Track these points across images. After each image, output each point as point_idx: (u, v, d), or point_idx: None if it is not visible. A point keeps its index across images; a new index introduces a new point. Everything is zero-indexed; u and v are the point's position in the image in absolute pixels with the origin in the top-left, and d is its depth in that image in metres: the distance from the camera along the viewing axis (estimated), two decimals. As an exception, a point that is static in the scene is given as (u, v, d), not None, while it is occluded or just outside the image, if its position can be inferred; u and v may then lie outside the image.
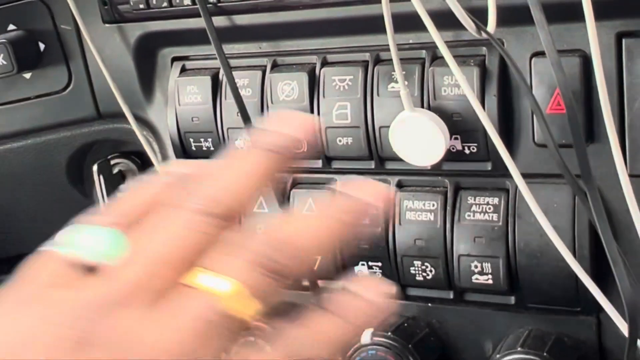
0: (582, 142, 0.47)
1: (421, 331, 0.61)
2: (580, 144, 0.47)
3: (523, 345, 0.56)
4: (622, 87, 0.54)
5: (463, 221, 0.59)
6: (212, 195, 0.33)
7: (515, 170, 0.51)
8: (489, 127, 0.51)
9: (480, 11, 0.52)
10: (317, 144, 0.38)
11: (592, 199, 0.47)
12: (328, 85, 0.62)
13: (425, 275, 0.61)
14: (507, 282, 0.58)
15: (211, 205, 0.32)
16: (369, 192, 0.35)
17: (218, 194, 0.33)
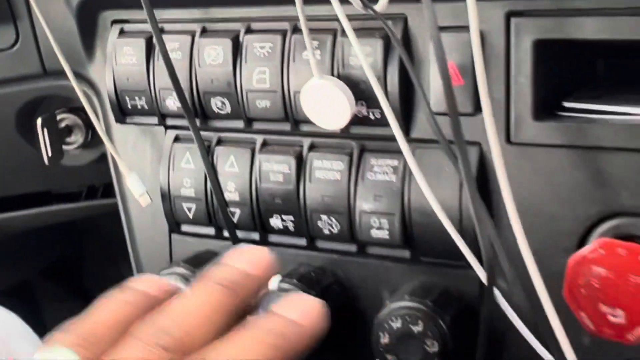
0: (456, 110, 0.53)
1: (326, 280, 0.66)
2: (454, 112, 0.52)
3: (411, 294, 0.61)
4: (510, 62, 0.59)
5: (365, 181, 0.64)
6: (165, 328, 0.39)
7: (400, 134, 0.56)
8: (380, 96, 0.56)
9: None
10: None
11: (463, 162, 0.52)
12: (250, 52, 0.67)
13: (331, 229, 0.66)
14: (402, 237, 0.63)
15: (163, 338, 0.39)
16: (249, 261, 0.43)
17: (170, 327, 0.40)
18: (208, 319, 0.41)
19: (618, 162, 0.56)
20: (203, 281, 0.43)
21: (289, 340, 0.41)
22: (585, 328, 0.53)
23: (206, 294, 0.42)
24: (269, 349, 0.40)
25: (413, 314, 0.60)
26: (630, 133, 0.55)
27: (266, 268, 0.45)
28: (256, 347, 0.40)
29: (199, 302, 0.41)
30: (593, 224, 0.58)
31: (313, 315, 0.43)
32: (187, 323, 0.40)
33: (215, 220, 0.72)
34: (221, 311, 0.41)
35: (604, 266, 0.51)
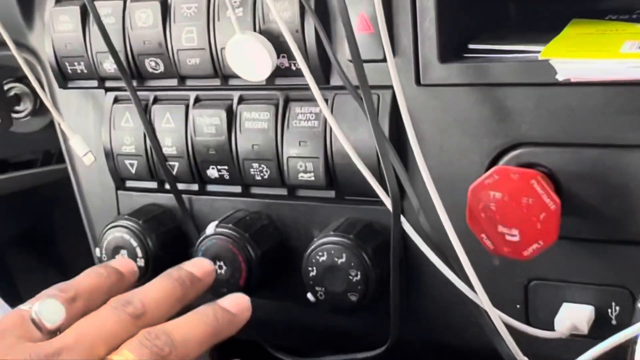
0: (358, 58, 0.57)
1: (260, 223, 0.71)
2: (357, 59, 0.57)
3: (336, 230, 0.66)
4: (415, 9, 0.63)
5: (291, 128, 0.69)
6: (133, 302, 0.53)
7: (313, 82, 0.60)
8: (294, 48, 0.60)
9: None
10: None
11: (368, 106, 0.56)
12: (178, 12, 0.71)
13: (263, 175, 0.70)
14: (326, 179, 0.68)
15: (131, 308, 0.53)
16: (199, 269, 0.61)
17: (137, 302, 0.53)
18: (165, 301, 0.55)
19: (516, 96, 0.61)
20: (165, 276, 0.58)
21: (221, 322, 0.54)
22: (486, 249, 0.58)
23: (165, 285, 0.57)
24: (207, 325, 0.53)
25: (337, 247, 0.64)
26: (525, 69, 0.59)
27: (210, 276, 0.61)
28: (198, 323, 0.53)
29: (160, 288, 0.56)
30: (498, 155, 0.62)
31: (241, 306, 0.57)
32: (150, 300, 0.54)
33: (157, 175, 0.76)
34: (174, 298, 0.56)
35: (500, 190, 0.56)
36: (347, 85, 0.59)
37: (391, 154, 0.57)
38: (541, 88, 0.59)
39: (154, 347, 0.49)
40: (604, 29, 0.60)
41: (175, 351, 0.50)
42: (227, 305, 0.56)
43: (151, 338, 0.50)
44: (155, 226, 0.74)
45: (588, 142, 0.59)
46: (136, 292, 0.55)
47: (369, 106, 0.57)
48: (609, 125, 0.58)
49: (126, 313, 0.52)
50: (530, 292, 0.63)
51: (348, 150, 0.59)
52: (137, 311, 0.53)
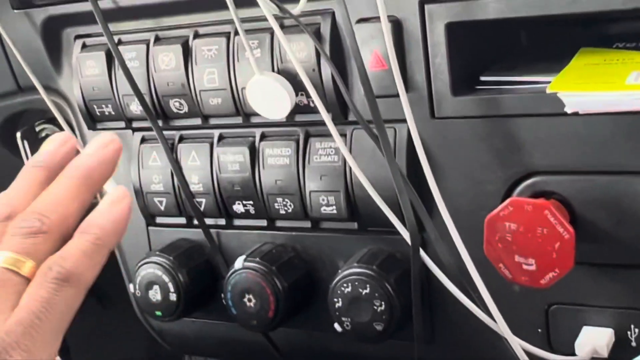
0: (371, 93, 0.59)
1: (286, 255, 0.73)
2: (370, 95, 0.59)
3: (359, 261, 0.68)
4: (427, 45, 0.65)
5: (312, 163, 0.71)
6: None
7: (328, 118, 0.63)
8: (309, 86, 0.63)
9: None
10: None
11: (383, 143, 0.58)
12: (199, 55, 0.74)
13: (287, 209, 0.73)
14: (348, 211, 0.70)
15: None
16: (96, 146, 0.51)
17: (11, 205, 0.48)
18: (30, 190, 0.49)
19: (528, 127, 0.63)
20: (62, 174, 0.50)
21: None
22: (504, 277, 0.60)
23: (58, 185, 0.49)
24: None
25: (361, 279, 0.66)
26: (536, 100, 0.61)
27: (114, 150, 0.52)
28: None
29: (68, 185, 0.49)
30: (513, 184, 0.64)
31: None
32: (19, 200, 0.48)
33: (185, 211, 0.79)
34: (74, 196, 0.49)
35: (515, 221, 0.58)
36: (362, 123, 0.61)
37: (408, 189, 0.59)
38: (552, 118, 0.61)
39: (23, 230, 0.45)
40: (611, 58, 0.61)
41: (48, 220, 0.46)
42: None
43: (17, 224, 0.46)
44: (185, 261, 0.77)
45: (600, 170, 0.61)
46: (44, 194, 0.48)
47: (384, 144, 0.59)
48: (620, 153, 0.60)
49: None
50: (550, 316, 0.65)
51: (365, 185, 0.62)
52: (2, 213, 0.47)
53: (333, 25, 0.69)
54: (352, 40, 0.58)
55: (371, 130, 0.61)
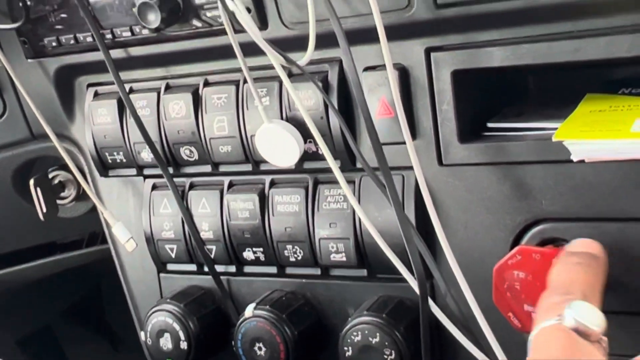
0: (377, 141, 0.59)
1: (296, 302, 0.73)
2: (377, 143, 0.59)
3: (369, 309, 0.68)
4: (434, 92, 0.66)
5: (321, 210, 0.71)
6: None
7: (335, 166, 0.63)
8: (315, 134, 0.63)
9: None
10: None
11: (390, 191, 0.59)
12: (209, 103, 0.74)
13: (297, 256, 0.73)
14: (357, 258, 0.70)
15: None
16: None
17: None
18: None
19: (536, 174, 0.63)
20: None
21: None
22: (514, 327, 0.59)
23: None
24: None
25: (370, 327, 0.66)
26: (542, 147, 0.61)
27: None
28: None
29: None
30: (521, 231, 0.64)
31: None
32: None
33: (196, 258, 0.79)
34: None
35: (523, 270, 0.58)
36: (368, 171, 0.61)
37: (416, 237, 0.59)
38: (559, 165, 0.61)
39: None
40: (616, 105, 0.61)
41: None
42: None
43: None
44: (196, 309, 0.77)
45: (608, 217, 0.60)
46: None
47: (391, 191, 0.59)
48: (628, 199, 0.59)
49: None
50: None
51: (372, 233, 0.62)
52: None
53: (340, 73, 0.69)
54: (357, 90, 0.59)
55: (378, 178, 0.61)
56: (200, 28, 0.71)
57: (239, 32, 0.67)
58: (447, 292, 0.59)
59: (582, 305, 0.45)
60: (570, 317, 0.44)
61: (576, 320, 0.43)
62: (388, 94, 0.66)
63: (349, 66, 0.59)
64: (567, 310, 0.44)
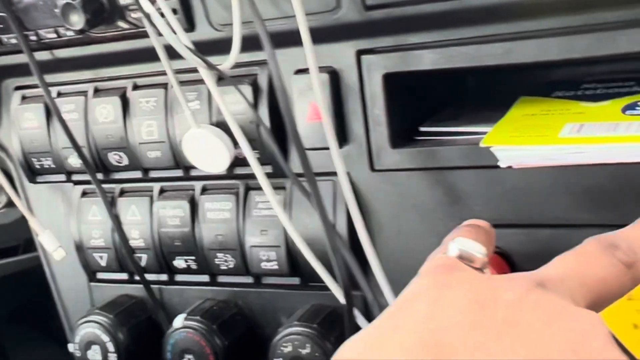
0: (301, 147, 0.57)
1: (228, 312, 0.71)
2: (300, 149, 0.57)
3: (299, 319, 0.66)
4: (365, 96, 0.64)
5: (252, 217, 0.69)
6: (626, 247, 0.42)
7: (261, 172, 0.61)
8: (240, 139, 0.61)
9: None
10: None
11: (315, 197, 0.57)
12: (137, 107, 0.72)
13: (228, 264, 0.71)
14: (289, 267, 0.68)
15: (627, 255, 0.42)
16: None
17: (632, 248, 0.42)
18: None
19: (467, 179, 0.61)
20: None
21: None
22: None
23: None
24: None
25: (301, 338, 0.64)
26: (473, 152, 0.60)
27: None
28: None
29: None
30: (454, 238, 0.62)
31: None
32: None
33: (127, 266, 0.77)
34: None
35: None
36: (291, 177, 0.59)
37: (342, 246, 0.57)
38: (490, 170, 0.59)
39: None
40: (548, 108, 0.60)
41: None
42: None
43: None
44: (126, 319, 0.74)
45: (539, 223, 0.59)
46: (620, 236, 0.43)
47: (316, 199, 0.57)
48: (559, 206, 0.58)
49: (617, 258, 0.41)
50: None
51: (297, 241, 0.60)
52: (628, 258, 0.42)
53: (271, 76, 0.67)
54: (281, 95, 0.57)
55: (301, 184, 0.59)
56: (126, 30, 0.69)
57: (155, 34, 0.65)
58: (373, 302, 0.58)
59: (464, 239, 0.44)
60: (454, 248, 0.44)
61: (459, 249, 0.43)
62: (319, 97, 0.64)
63: (273, 70, 0.57)
64: (451, 244, 0.44)
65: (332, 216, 0.66)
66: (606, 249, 0.42)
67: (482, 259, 0.43)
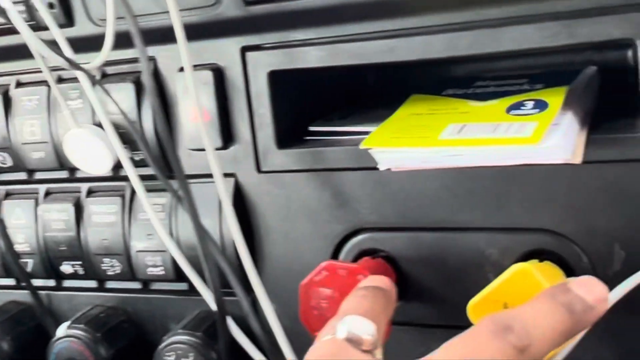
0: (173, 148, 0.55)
1: (116, 319, 0.68)
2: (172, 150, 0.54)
3: (184, 327, 0.63)
4: (250, 94, 0.61)
5: (138, 220, 0.66)
6: (521, 330, 0.41)
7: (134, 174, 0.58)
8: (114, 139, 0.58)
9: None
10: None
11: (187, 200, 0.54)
12: (19, 105, 0.69)
13: (115, 270, 0.68)
14: (175, 272, 0.65)
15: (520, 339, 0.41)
16: None
17: (527, 331, 0.41)
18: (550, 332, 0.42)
19: (353, 181, 0.59)
20: (548, 297, 0.44)
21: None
22: (322, 346, 0.56)
23: (550, 310, 0.43)
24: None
25: (184, 347, 0.62)
26: (358, 153, 0.57)
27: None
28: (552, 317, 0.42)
29: (544, 314, 0.43)
30: (341, 241, 0.60)
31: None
32: (533, 329, 0.42)
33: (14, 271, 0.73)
34: (561, 331, 0.43)
35: (329, 287, 0.54)
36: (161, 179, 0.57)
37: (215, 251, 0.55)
38: (375, 172, 0.57)
39: None
40: (436, 107, 0.58)
41: None
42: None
43: None
44: (12, 327, 0.71)
45: (425, 226, 0.57)
46: (515, 315, 0.42)
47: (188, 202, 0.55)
48: (444, 208, 0.56)
49: (509, 342, 0.40)
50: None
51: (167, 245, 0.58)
52: (521, 342, 0.40)
53: (155, 73, 0.64)
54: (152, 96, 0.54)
55: (171, 187, 0.57)
56: (2, 25, 0.65)
57: (42, 29, 0.62)
58: (249, 311, 0.55)
59: (354, 318, 0.43)
60: (343, 329, 0.42)
61: (348, 331, 0.42)
62: (204, 96, 0.62)
63: (144, 68, 0.54)
64: (339, 325, 0.43)
65: (217, 219, 0.63)
66: (498, 332, 0.40)
67: (371, 340, 0.42)
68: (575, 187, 0.52)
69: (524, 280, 0.48)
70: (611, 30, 0.50)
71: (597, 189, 0.51)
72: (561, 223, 0.53)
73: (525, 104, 0.55)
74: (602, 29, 0.50)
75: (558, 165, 0.51)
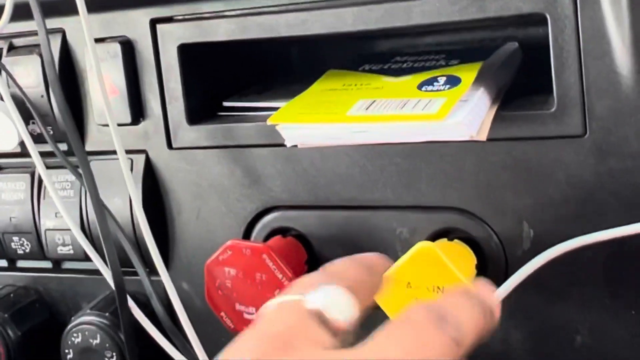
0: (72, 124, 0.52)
1: (26, 299, 0.66)
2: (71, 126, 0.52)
3: (92, 307, 0.62)
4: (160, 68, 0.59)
5: (47, 199, 0.64)
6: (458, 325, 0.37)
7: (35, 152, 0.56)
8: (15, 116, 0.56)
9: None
10: None
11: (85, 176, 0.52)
12: None
13: (24, 249, 0.66)
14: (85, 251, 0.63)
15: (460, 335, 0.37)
16: None
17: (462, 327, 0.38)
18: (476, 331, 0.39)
19: (264, 158, 0.58)
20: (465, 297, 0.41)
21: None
22: (227, 327, 0.54)
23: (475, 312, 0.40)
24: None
25: (91, 328, 0.60)
26: (268, 129, 0.56)
27: None
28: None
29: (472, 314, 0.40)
30: (253, 220, 0.59)
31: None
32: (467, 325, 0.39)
33: None
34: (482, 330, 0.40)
35: (234, 267, 0.52)
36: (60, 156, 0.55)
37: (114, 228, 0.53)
38: (286, 149, 0.56)
39: None
40: (350, 83, 0.57)
41: None
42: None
43: None
44: None
45: (336, 204, 0.56)
46: (446, 307, 0.38)
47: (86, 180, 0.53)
48: (355, 186, 0.55)
49: (448, 334, 0.36)
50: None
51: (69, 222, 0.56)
52: (458, 335, 0.36)
53: (64, 45, 0.62)
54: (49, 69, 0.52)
55: (70, 163, 0.55)
56: None
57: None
58: (150, 290, 0.54)
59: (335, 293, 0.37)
60: (314, 300, 0.36)
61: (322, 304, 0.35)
62: (113, 70, 0.60)
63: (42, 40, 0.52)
64: (313, 294, 0.36)
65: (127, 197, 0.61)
66: (438, 322, 0.36)
67: (344, 324, 0.36)
68: (483, 165, 0.51)
69: (427, 259, 0.47)
70: (520, 5, 0.49)
71: (505, 167, 0.50)
72: (470, 201, 0.52)
73: (438, 80, 0.54)
74: (512, 3, 0.49)
75: (467, 143, 0.50)
